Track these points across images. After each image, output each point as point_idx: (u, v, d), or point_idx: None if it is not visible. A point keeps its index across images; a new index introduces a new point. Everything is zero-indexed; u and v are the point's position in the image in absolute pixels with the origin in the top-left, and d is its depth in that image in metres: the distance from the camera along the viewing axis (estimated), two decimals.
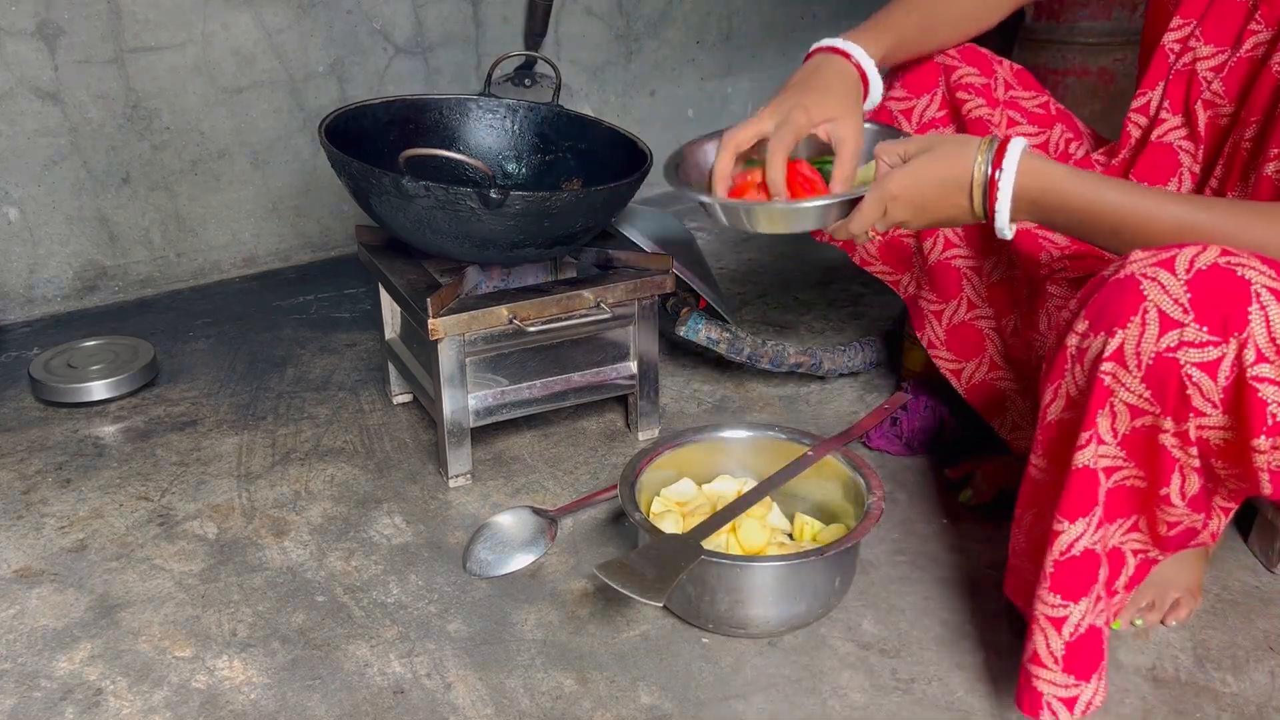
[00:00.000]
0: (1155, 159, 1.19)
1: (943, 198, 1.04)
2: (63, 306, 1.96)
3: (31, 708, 1.06)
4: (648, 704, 1.06)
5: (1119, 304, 0.86)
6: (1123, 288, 0.86)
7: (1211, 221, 0.92)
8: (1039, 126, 1.29)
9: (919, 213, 1.05)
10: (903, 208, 1.05)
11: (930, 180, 1.03)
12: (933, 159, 1.03)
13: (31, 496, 1.41)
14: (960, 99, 1.28)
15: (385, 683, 1.09)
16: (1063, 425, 0.94)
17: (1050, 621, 0.94)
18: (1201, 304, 0.83)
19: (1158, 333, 0.84)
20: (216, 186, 2.03)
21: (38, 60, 1.81)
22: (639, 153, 1.45)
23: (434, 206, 1.24)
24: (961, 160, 1.02)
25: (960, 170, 1.02)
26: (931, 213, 1.05)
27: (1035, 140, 1.28)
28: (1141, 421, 0.88)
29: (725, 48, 2.51)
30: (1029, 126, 1.28)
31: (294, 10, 1.99)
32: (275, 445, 1.51)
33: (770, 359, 1.58)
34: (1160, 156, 1.19)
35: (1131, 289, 0.85)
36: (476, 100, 1.54)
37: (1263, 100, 1.08)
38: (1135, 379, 0.86)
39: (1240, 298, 0.82)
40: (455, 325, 1.32)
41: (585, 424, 1.55)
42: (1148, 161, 1.20)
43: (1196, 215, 0.94)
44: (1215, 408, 0.85)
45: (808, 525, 1.24)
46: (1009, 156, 0.99)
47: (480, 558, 1.25)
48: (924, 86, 1.30)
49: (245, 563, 1.27)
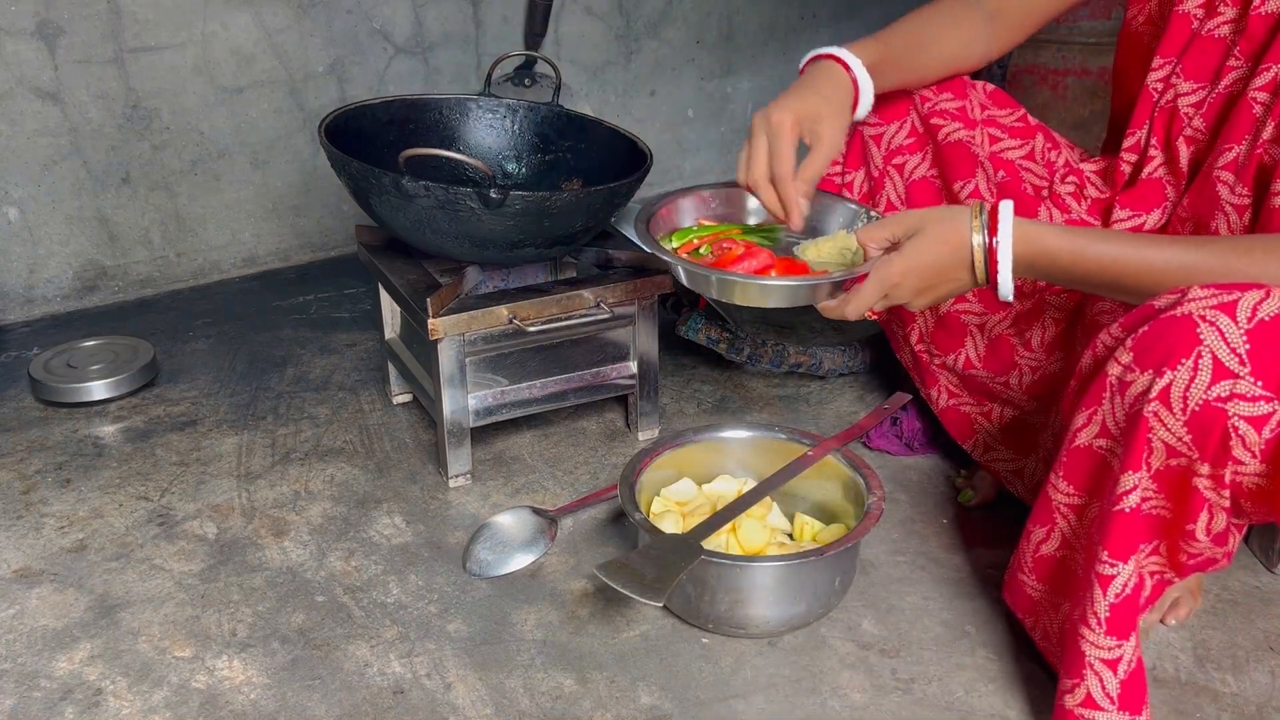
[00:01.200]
0: (1144, 193, 1.20)
1: (944, 275, 1.04)
2: (63, 306, 1.96)
3: (31, 708, 1.06)
4: (648, 704, 1.06)
5: (1171, 342, 0.84)
6: (1177, 326, 0.84)
7: (1211, 260, 0.92)
8: (1020, 139, 1.29)
9: (921, 294, 1.06)
10: (905, 291, 1.06)
11: (929, 261, 1.04)
12: (927, 240, 1.04)
13: (31, 496, 1.41)
14: (935, 125, 1.28)
15: (385, 683, 1.09)
16: (1096, 455, 0.93)
17: (1106, 664, 0.93)
18: (1260, 357, 0.81)
19: (1209, 380, 0.83)
20: (216, 186, 2.02)
21: (38, 60, 1.81)
22: (639, 153, 1.45)
23: (434, 206, 1.24)
24: (957, 234, 1.02)
25: (957, 245, 1.02)
26: (933, 292, 1.06)
27: (1020, 152, 1.28)
28: (1177, 462, 0.87)
29: (725, 48, 2.51)
30: (1010, 140, 1.28)
31: (294, 10, 1.99)
32: (275, 445, 1.51)
33: (770, 359, 1.58)
34: (1149, 191, 1.19)
35: (1187, 330, 0.84)
36: (476, 100, 1.54)
37: (1241, 130, 1.07)
38: (1178, 422, 0.85)
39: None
40: (455, 325, 1.32)
41: (585, 424, 1.55)
42: (1136, 195, 1.20)
43: (1194, 255, 0.94)
44: (1255, 458, 0.84)
45: (808, 525, 1.24)
46: (1003, 221, 1.00)
47: (480, 558, 1.25)
48: (894, 115, 1.30)
49: (245, 563, 1.27)
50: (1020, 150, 1.28)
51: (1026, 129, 1.30)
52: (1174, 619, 1.14)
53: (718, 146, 2.61)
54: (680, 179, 2.58)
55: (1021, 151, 1.28)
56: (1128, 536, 0.90)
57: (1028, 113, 1.32)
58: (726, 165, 2.64)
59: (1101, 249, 0.97)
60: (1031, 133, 1.30)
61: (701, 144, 2.59)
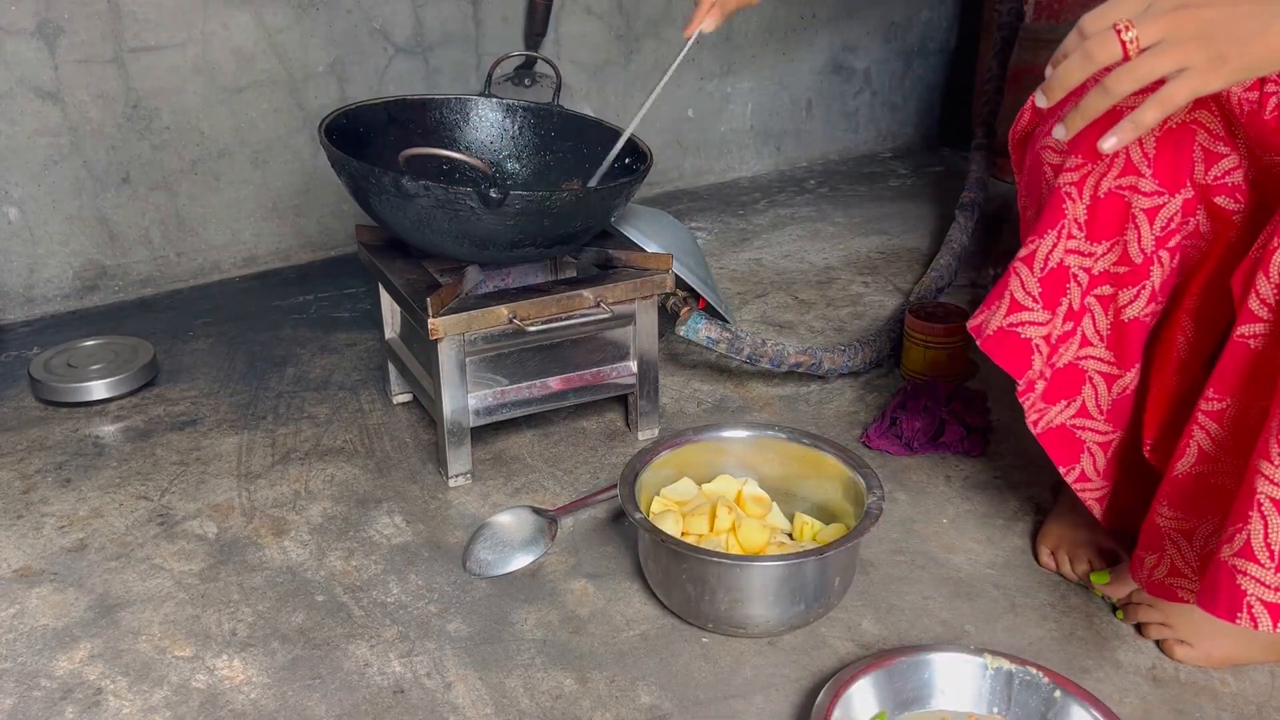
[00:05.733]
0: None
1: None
2: (63, 306, 1.96)
3: (31, 707, 1.06)
4: (647, 704, 1.06)
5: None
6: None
7: None
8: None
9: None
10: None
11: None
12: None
13: (31, 496, 1.41)
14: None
15: (385, 682, 1.09)
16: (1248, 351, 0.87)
17: (1276, 505, 0.81)
18: None
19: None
20: (216, 186, 2.03)
21: (38, 60, 1.81)
22: (639, 153, 1.45)
23: (433, 206, 1.24)
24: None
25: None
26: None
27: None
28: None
29: (725, 48, 2.51)
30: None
31: (294, 10, 1.99)
32: (275, 445, 1.51)
33: (770, 359, 1.58)
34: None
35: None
36: (476, 100, 1.54)
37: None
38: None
39: None
40: (455, 325, 1.32)
41: (585, 424, 1.55)
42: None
43: None
44: None
45: (808, 525, 1.24)
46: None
47: (480, 557, 1.25)
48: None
49: (245, 562, 1.27)
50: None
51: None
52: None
53: (718, 146, 2.62)
54: (680, 179, 2.58)
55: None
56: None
57: None
58: (726, 165, 2.64)
59: None
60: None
61: (701, 144, 2.59)
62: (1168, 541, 1.01)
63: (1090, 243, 1.00)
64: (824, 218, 2.39)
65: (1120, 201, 0.98)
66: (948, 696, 1.02)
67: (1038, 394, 1.05)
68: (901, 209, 2.43)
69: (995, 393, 1.56)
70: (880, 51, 2.74)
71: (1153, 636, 1.11)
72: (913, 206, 2.45)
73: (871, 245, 2.22)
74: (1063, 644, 1.12)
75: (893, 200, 2.50)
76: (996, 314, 1.05)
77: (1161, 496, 1.00)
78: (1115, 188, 0.98)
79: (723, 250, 2.20)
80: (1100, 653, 1.11)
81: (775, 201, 2.50)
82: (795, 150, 2.74)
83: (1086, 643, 1.12)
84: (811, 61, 2.65)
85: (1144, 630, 1.12)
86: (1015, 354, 1.04)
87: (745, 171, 2.68)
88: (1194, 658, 1.08)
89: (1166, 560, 1.02)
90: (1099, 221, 0.99)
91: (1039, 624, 1.15)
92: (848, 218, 2.39)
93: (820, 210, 2.44)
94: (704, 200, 2.50)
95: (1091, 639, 1.13)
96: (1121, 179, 0.98)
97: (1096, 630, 1.14)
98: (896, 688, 1.02)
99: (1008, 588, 1.21)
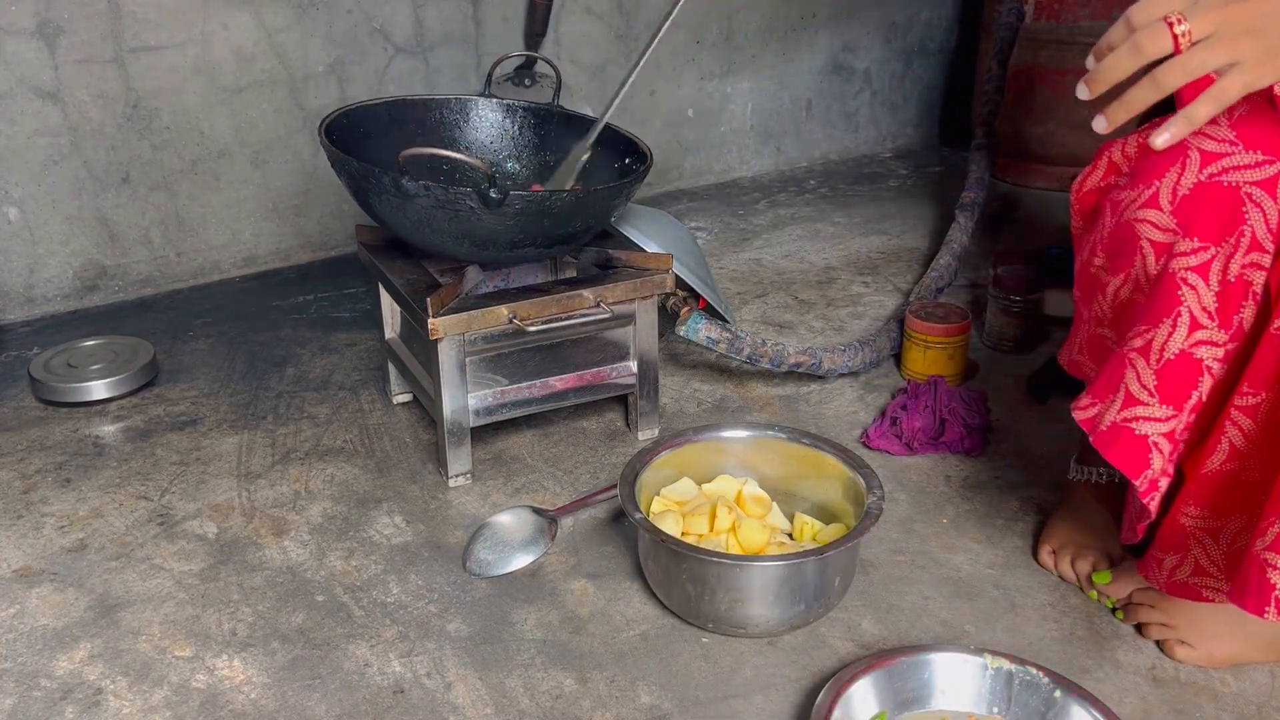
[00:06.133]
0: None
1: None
2: (63, 306, 1.96)
3: (31, 707, 1.06)
4: (647, 704, 1.06)
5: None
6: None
7: None
8: None
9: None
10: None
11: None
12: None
13: (31, 496, 1.41)
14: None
15: (385, 682, 1.09)
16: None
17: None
18: None
19: None
20: (216, 186, 2.03)
21: (38, 60, 1.81)
22: (639, 153, 1.45)
23: (433, 206, 1.24)
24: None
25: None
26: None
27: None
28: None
29: (725, 48, 2.51)
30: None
31: (294, 10, 1.99)
32: (275, 445, 1.51)
33: (770, 359, 1.58)
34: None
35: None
36: (476, 100, 1.54)
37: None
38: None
39: None
40: (455, 325, 1.32)
41: (585, 424, 1.55)
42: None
43: None
44: None
45: (808, 525, 1.24)
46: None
47: (480, 557, 1.25)
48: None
49: (245, 562, 1.27)
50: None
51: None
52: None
53: (718, 146, 2.62)
54: (680, 179, 2.58)
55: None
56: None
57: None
58: (726, 165, 2.64)
59: None
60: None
61: (701, 144, 2.59)
62: (1192, 541, 0.99)
63: (1223, 331, 0.92)
64: (824, 218, 2.39)
65: (1244, 281, 0.91)
66: (948, 696, 1.02)
67: (1161, 492, 0.96)
68: (901, 209, 2.43)
69: (995, 393, 1.56)
70: (880, 51, 2.74)
71: (1154, 637, 1.11)
72: (913, 206, 2.45)
73: (871, 245, 2.22)
74: (1063, 644, 1.12)
75: (893, 200, 2.50)
76: (1111, 409, 0.97)
77: (1187, 496, 0.98)
78: (1243, 268, 0.90)
79: (723, 250, 2.20)
80: (1100, 653, 1.11)
81: (775, 201, 2.50)
82: (795, 150, 2.74)
83: (1086, 643, 1.12)
84: (812, 61, 2.65)
85: (1145, 630, 1.12)
86: (1132, 452, 0.96)
87: (745, 171, 2.68)
88: (1195, 658, 1.08)
89: (1190, 560, 1.00)
90: (1229, 306, 0.92)
91: (1039, 624, 1.15)
92: (848, 218, 2.39)
93: (820, 210, 2.44)
94: (704, 200, 2.50)
95: (1091, 639, 1.13)
96: (1248, 257, 0.89)
97: (1096, 630, 1.14)
98: (896, 688, 1.02)
99: (1008, 588, 1.21)
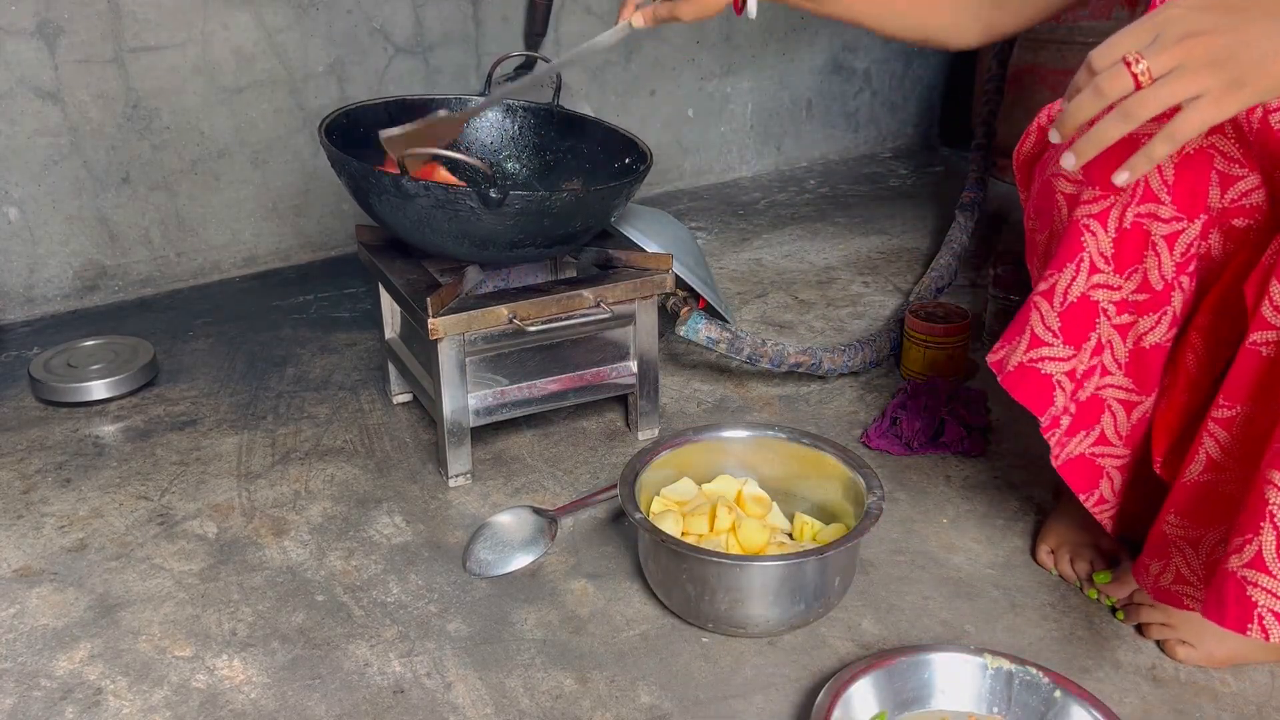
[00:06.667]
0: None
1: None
2: (63, 306, 1.96)
3: (31, 707, 1.06)
4: (647, 704, 1.06)
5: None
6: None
7: None
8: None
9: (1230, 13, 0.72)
10: (1202, 17, 0.72)
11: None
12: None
13: (31, 496, 1.41)
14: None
15: (385, 682, 1.09)
16: (1261, 360, 0.87)
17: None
18: None
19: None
20: (216, 186, 2.03)
21: (38, 60, 1.81)
22: (639, 153, 1.45)
23: (433, 206, 1.24)
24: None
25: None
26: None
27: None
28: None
29: (725, 48, 2.51)
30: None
31: (294, 10, 1.99)
32: (275, 445, 1.51)
33: (770, 359, 1.58)
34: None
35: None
36: (476, 100, 1.54)
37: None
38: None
39: None
40: (455, 325, 1.32)
41: (585, 424, 1.55)
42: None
43: None
44: None
45: (808, 525, 1.24)
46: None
47: (480, 557, 1.25)
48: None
49: (245, 562, 1.27)
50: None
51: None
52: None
53: (718, 146, 2.62)
54: (680, 179, 2.58)
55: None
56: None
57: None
58: (726, 165, 2.64)
59: None
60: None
61: (701, 144, 2.59)
62: (1174, 549, 1.00)
63: (1118, 275, 0.98)
64: (824, 218, 2.39)
65: (1141, 230, 0.96)
66: (948, 696, 1.02)
67: (1063, 429, 1.02)
68: (901, 209, 2.43)
69: (995, 393, 1.56)
70: (880, 51, 2.74)
71: (1154, 637, 1.11)
72: (913, 206, 2.45)
73: (871, 245, 2.22)
74: (1063, 644, 1.12)
75: (893, 200, 2.50)
76: (1017, 350, 1.02)
77: (1170, 504, 0.99)
78: (1137, 217, 0.95)
79: (723, 250, 2.20)
80: (1100, 653, 1.11)
81: (775, 201, 2.50)
82: (795, 150, 2.74)
83: (1086, 643, 1.12)
84: (811, 61, 2.65)
85: (1145, 631, 1.12)
86: (1037, 391, 1.01)
87: (745, 171, 2.68)
88: (1195, 658, 1.08)
89: (1173, 567, 1.01)
90: (1124, 252, 0.97)
91: (1039, 624, 1.15)
92: (848, 218, 2.39)
93: (820, 210, 2.44)
94: (704, 200, 2.50)
95: (1091, 639, 1.13)
96: (1142, 207, 0.95)
97: (1096, 630, 1.14)
98: (896, 688, 1.02)
99: (1008, 588, 1.21)
